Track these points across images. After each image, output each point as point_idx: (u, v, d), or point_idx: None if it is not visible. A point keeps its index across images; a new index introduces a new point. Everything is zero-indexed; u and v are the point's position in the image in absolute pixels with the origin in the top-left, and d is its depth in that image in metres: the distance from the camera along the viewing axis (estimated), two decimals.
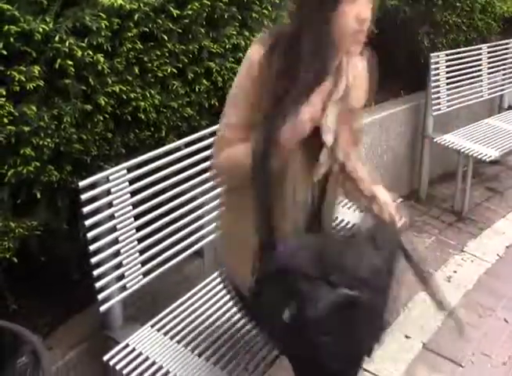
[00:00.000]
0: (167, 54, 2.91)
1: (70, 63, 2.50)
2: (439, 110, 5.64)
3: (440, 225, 5.53)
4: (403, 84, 5.91)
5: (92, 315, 3.00)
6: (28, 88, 2.41)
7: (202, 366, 2.69)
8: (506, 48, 6.43)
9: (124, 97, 2.78)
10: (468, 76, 5.94)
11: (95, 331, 2.98)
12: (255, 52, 2.05)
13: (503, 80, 6.52)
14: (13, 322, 2.13)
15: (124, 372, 2.64)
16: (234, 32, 3.19)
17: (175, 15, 2.87)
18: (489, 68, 6.23)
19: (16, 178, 2.50)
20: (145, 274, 2.89)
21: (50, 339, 2.92)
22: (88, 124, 2.69)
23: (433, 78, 5.53)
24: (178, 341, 2.82)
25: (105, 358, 2.70)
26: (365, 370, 3.65)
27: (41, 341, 2.00)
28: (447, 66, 5.65)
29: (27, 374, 1.93)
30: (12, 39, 2.35)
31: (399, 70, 5.71)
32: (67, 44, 2.47)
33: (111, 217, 2.70)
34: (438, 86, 5.59)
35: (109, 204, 2.70)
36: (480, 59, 6.10)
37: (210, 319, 2.95)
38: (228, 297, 2.72)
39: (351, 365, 2.20)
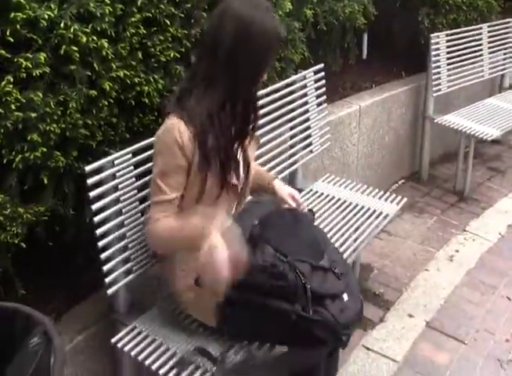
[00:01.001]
0: (170, 39, 2.92)
1: (75, 49, 2.51)
2: (440, 90, 5.65)
3: (442, 205, 5.56)
4: (404, 66, 5.92)
5: (99, 300, 3.03)
6: (34, 74, 2.43)
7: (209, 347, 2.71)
8: (507, 28, 6.45)
9: (128, 82, 2.79)
10: (469, 56, 5.95)
11: (102, 315, 3.00)
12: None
13: (504, 59, 6.54)
14: None
15: (133, 353, 2.67)
16: None
17: (177, 0, 2.89)
18: (490, 48, 6.25)
19: (24, 164, 2.51)
20: (151, 257, 2.91)
21: (58, 324, 2.93)
22: (93, 109, 2.70)
23: (433, 59, 5.54)
24: (186, 323, 2.84)
25: (113, 340, 2.73)
26: (370, 349, 3.69)
27: (52, 322, 2.02)
28: (447, 47, 5.66)
29: (38, 354, 1.95)
30: (18, 26, 2.36)
31: (400, 52, 5.73)
32: (72, 30, 2.48)
33: (117, 201, 2.72)
34: (438, 67, 5.60)
35: (115, 188, 2.71)
36: (480, 39, 6.11)
37: None
38: None
39: None
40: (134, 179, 2.79)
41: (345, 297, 2.60)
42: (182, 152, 2.44)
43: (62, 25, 2.46)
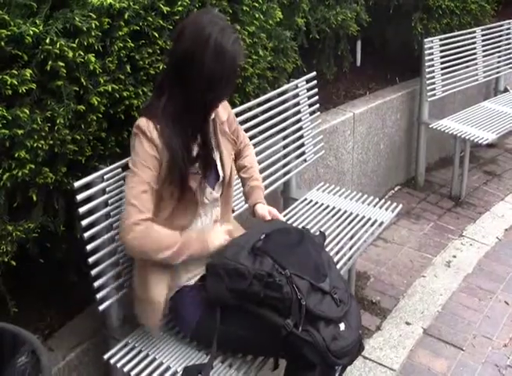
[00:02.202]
0: (158, 51, 2.91)
1: (62, 64, 2.50)
2: (434, 95, 5.64)
3: (438, 210, 5.54)
4: (398, 72, 5.92)
5: (92, 315, 3.02)
6: (20, 91, 2.41)
7: (203, 361, 2.69)
8: (501, 31, 6.43)
9: (117, 96, 2.78)
10: (463, 60, 5.94)
11: (94, 331, 3.00)
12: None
13: (498, 62, 6.52)
14: (14, 325, 2.15)
15: (125, 369, 2.66)
16: None
17: (165, 12, 2.88)
18: (484, 51, 6.24)
19: (12, 182, 2.50)
20: None
21: (51, 341, 2.94)
22: (81, 124, 2.69)
23: (427, 64, 5.54)
24: (179, 338, 2.83)
25: (105, 357, 2.72)
26: (367, 358, 3.68)
27: (40, 341, 2.01)
28: (441, 51, 5.65)
29: (26, 373, 1.94)
30: (2, 43, 2.34)
31: (394, 58, 5.73)
32: (58, 45, 2.46)
33: (107, 216, 2.71)
34: (432, 71, 5.59)
35: (105, 203, 2.70)
36: (474, 43, 6.10)
37: None
38: None
39: None
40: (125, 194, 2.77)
41: (342, 326, 2.56)
42: (153, 145, 2.49)
43: (48, 41, 2.44)
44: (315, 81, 4.13)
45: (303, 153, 4.09)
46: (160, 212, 2.60)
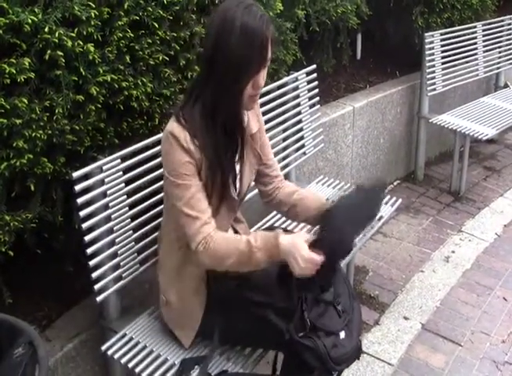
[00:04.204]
0: (158, 42, 2.88)
1: (61, 53, 2.48)
2: (434, 90, 5.63)
3: (438, 205, 5.53)
4: (398, 65, 5.90)
5: (90, 306, 3.01)
6: (19, 80, 2.39)
7: (200, 353, 2.69)
8: (502, 26, 6.42)
9: (116, 86, 2.76)
10: (463, 55, 5.92)
11: (92, 322, 2.98)
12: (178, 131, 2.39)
13: (499, 58, 6.51)
14: (11, 315, 2.13)
15: (123, 361, 2.65)
16: None
17: (166, 2, 2.85)
18: (485, 46, 6.22)
19: (10, 171, 2.48)
20: (141, 263, 2.88)
21: (48, 331, 2.93)
22: (80, 114, 2.67)
23: (428, 58, 5.52)
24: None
25: (103, 348, 2.71)
26: (364, 352, 3.66)
27: (37, 332, 1.99)
28: (442, 46, 5.63)
29: (23, 364, 1.93)
30: (1, 31, 2.32)
31: (394, 51, 5.72)
32: (57, 34, 2.44)
33: (106, 207, 2.69)
34: (433, 66, 5.58)
35: (104, 194, 2.68)
36: (475, 38, 6.08)
37: None
38: None
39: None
40: (123, 185, 2.76)
41: (342, 334, 2.54)
42: (187, 153, 2.39)
43: (46, 29, 2.41)
44: (315, 74, 4.11)
45: (302, 146, 4.08)
46: None
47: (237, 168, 2.60)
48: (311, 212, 2.74)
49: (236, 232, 2.79)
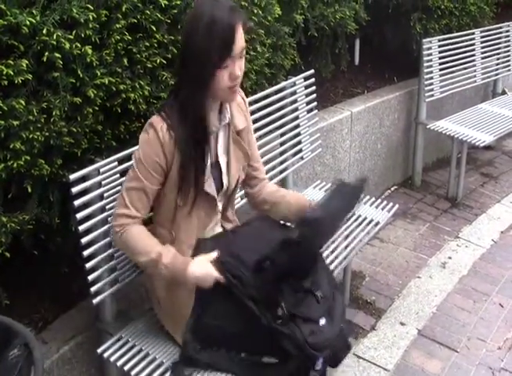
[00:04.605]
0: (156, 45, 2.89)
1: (58, 55, 2.48)
2: (432, 96, 5.64)
3: (435, 211, 5.53)
4: (396, 71, 5.91)
5: (86, 308, 3.01)
6: (16, 81, 2.40)
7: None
8: (500, 33, 6.43)
9: (114, 89, 2.76)
10: (461, 61, 5.94)
11: (88, 325, 2.98)
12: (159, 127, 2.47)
13: (497, 64, 6.52)
14: (7, 317, 2.13)
15: (119, 364, 2.65)
16: None
17: (164, 5, 2.87)
18: (483, 53, 6.23)
19: (7, 173, 2.48)
20: (137, 266, 2.88)
21: (45, 333, 2.93)
22: (77, 116, 2.67)
23: (425, 64, 5.53)
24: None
25: (99, 350, 2.71)
26: (360, 357, 3.66)
27: (33, 333, 1.99)
28: (440, 52, 5.65)
29: (18, 366, 1.93)
30: None
31: (392, 57, 5.72)
32: (55, 36, 2.45)
33: (103, 209, 2.69)
34: (430, 72, 5.59)
35: (101, 197, 2.68)
36: (473, 44, 6.09)
37: None
38: None
39: None
40: (120, 188, 2.75)
41: (322, 321, 2.52)
42: (161, 147, 2.46)
43: (44, 31, 2.42)
44: (313, 79, 4.11)
45: (300, 151, 4.08)
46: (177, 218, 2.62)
47: (224, 163, 2.68)
48: (293, 207, 2.89)
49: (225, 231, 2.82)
